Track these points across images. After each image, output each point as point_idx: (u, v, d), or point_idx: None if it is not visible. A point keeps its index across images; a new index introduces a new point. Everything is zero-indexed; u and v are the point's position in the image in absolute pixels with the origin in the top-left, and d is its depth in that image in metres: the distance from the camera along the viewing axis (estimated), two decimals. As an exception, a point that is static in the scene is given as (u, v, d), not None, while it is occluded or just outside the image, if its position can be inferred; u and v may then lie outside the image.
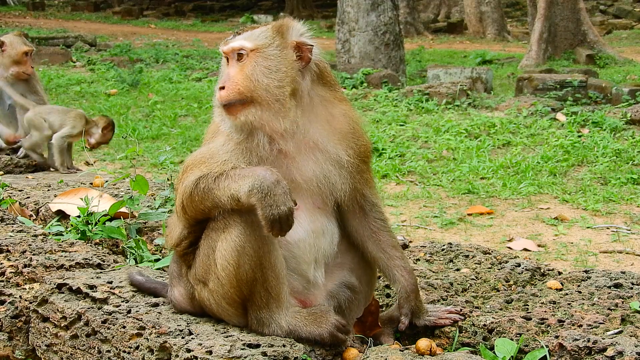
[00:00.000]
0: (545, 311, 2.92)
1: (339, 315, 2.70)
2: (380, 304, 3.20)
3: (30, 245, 3.69)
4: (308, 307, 2.74)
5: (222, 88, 2.65)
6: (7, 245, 3.67)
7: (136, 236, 4.08)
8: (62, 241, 3.85)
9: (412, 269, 2.93)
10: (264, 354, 2.50)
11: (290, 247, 2.72)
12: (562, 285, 3.26)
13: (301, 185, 2.71)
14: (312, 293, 2.80)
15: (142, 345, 2.68)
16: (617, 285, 3.14)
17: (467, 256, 3.70)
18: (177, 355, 2.55)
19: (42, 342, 3.07)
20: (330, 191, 2.76)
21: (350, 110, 2.85)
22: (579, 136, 9.55)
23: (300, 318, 2.66)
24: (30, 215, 4.70)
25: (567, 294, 3.12)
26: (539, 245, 6.12)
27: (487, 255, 3.69)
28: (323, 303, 2.80)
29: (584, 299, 3.03)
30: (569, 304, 2.99)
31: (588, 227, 6.58)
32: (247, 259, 2.58)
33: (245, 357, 2.48)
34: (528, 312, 2.94)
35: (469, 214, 7.02)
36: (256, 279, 2.60)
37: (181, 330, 2.68)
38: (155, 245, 4.07)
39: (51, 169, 6.74)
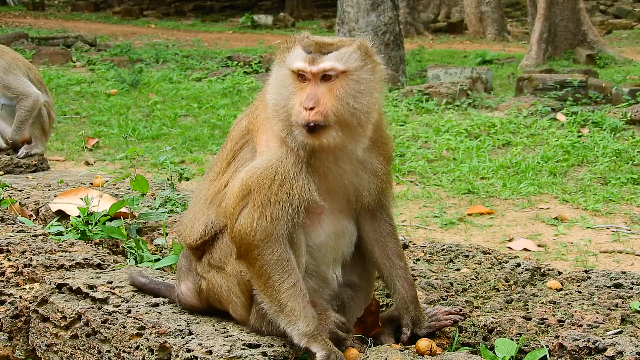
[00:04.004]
0: (545, 311, 2.92)
1: (339, 314, 2.71)
2: (380, 304, 3.20)
3: (30, 245, 3.69)
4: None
5: (311, 109, 2.54)
6: (7, 245, 3.67)
7: (136, 236, 4.08)
8: (62, 241, 3.85)
9: (413, 281, 2.92)
10: (264, 354, 2.50)
11: (312, 251, 2.71)
12: (562, 285, 3.26)
13: (333, 190, 2.70)
14: (325, 292, 2.79)
15: (142, 345, 2.68)
16: (617, 285, 3.14)
17: (467, 256, 3.70)
18: (177, 355, 2.55)
19: (42, 342, 3.07)
20: (358, 197, 2.77)
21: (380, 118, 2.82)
22: (579, 136, 9.55)
23: None
24: (30, 215, 4.70)
25: (567, 294, 3.11)
26: (539, 245, 6.12)
27: (487, 255, 3.69)
28: (326, 304, 2.79)
29: (584, 299, 3.03)
30: (569, 304, 2.99)
31: (588, 227, 6.59)
32: None
33: (245, 357, 2.48)
34: (528, 312, 2.94)
35: (469, 214, 7.02)
36: None
37: (181, 330, 2.68)
38: (155, 245, 4.06)
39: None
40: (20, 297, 3.26)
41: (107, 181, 5.24)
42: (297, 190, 2.58)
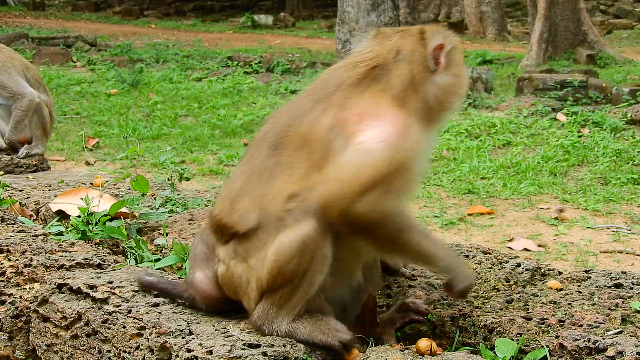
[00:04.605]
0: (545, 311, 2.92)
1: (338, 321, 2.67)
2: (380, 304, 3.20)
3: (30, 245, 3.69)
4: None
5: None
6: (7, 245, 3.67)
7: (136, 236, 4.08)
8: (63, 241, 3.85)
9: None
10: (264, 354, 2.50)
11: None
12: (563, 285, 3.26)
13: None
14: (345, 292, 2.78)
15: (142, 345, 2.68)
16: (618, 285, 3.14)
17: (467, 256, 3.69)
18: (177, 355, 2.55)
19: (43, 342, 3.07)
20: None
21: None
22: (579, 136, 9.56)
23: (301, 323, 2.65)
24: (31, 215, 4.70)
25: (567, 294, 3.11)
26: (539, 245, 6.12)
27: (488, 255, 3.69)
28: (329, 308, 2.77)
29: (584, 299, 3.02)
30: (569, 304, 2.99)
31: (588, 227, 6.59)
32: (299, 261, 2.54)
33: (245, 357, 2.48)
34: (528, 312, 2.94)
35: (469, 214, 7.02)
36: (291, 280, 2.57)
37: (181, 330, 2.68)
38: (155, 245, 4.06)
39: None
40: (20, 297, 3.26)
41: (107, 181, 5.24)
42: (418, 177, 2.67)
